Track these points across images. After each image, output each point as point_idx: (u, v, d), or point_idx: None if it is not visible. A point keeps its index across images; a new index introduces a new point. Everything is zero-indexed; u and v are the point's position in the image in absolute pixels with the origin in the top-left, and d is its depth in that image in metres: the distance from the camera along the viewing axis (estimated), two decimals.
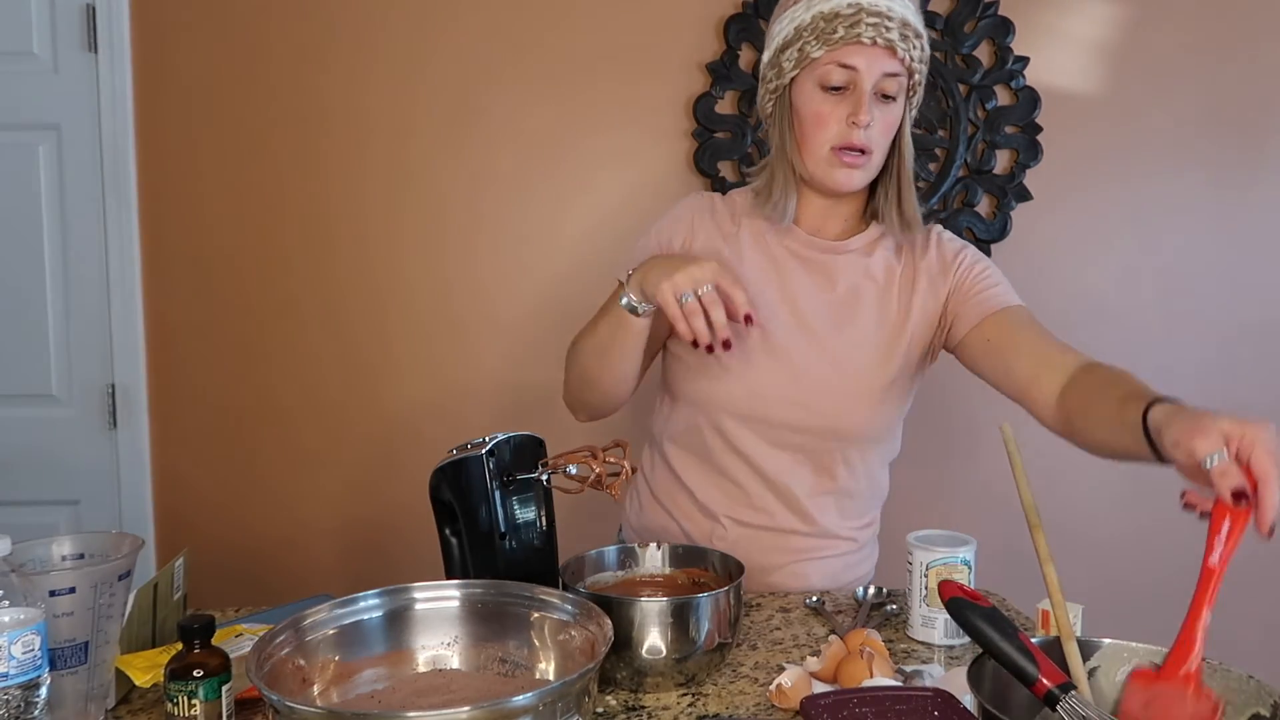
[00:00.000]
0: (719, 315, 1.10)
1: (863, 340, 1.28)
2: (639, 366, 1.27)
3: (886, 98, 1.20)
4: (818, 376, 1.27)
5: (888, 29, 1.16)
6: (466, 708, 0.74)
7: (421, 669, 0.97)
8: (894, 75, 1.19)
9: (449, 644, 0.98)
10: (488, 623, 0.98)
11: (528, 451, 1.19)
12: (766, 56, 1.26)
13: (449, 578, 1.19)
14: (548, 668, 0.95)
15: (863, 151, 1.20)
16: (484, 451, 1.13)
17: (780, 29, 1.23)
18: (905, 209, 1.27)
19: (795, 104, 1.24)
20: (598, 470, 1.16)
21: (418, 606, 0.98)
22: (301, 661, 0.89)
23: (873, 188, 1.29)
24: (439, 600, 0.99)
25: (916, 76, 1.22)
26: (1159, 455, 0.92)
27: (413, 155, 2.08)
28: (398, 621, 0.97)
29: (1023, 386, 1.21)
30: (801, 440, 1.27)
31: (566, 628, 0.95)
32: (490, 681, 0.95)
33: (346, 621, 0.95)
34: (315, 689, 0.90)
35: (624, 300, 1.16)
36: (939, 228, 1.35)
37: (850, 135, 1.19)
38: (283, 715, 0.76)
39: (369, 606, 0.97)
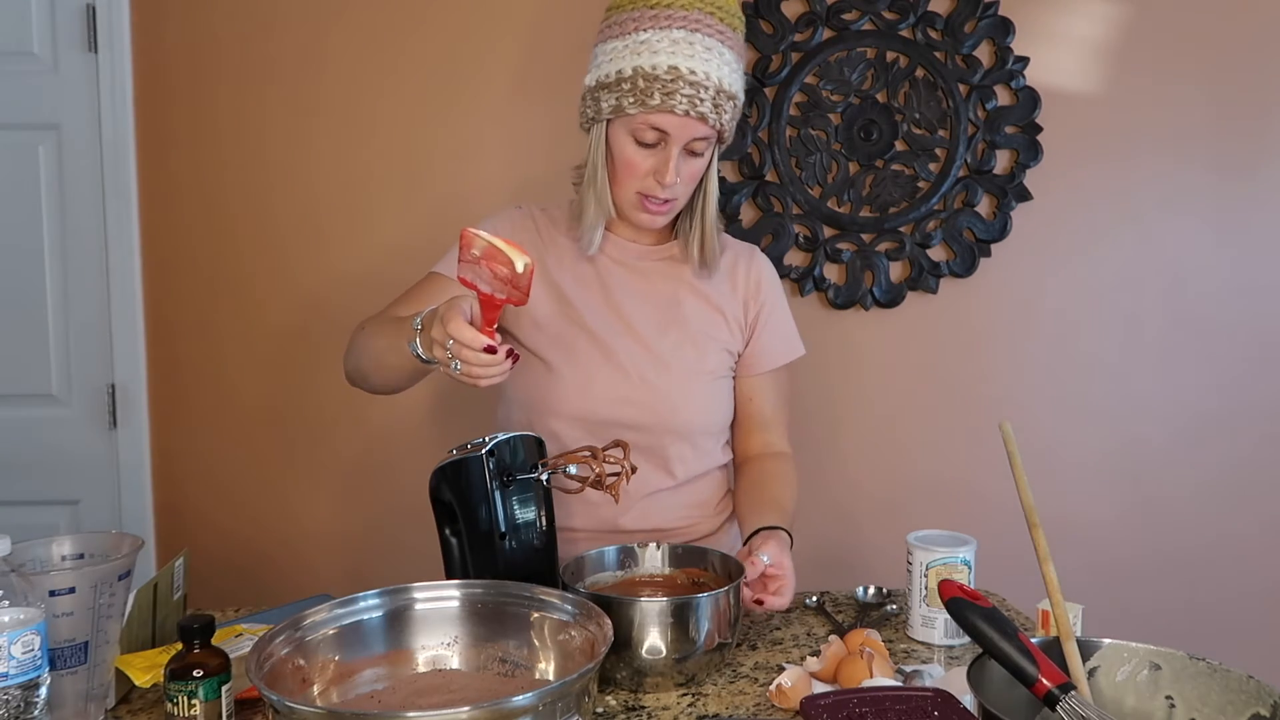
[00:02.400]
0: (477, 360, 0.97)
1: (684, 339, 1.34)
2: (415, 382, 1.26)
3: (695, 153, 1.26)
4: (645, 374, 1.31)
5: (701, 100, 1.20)
6: (466, 708, 0.74)
7: (421, 669, 0.97)
8: (703, 138, 1.24)
9: (449, 644, 0.98)
10: (488, 623, 0.98)
11: (527, 451, 1.19)
12: (588, 80, 1.28)
13: (449, 578, 1.19)
14: (548, 668, 0.95)
15: (666, 200, 1.27)
16: (484, 451, 1.13)
17: (601, 63, 1.26)
18: (705, 249, 1.34)
19: (610, 143, 1.28)
20: (597, 470, 1.16)
21: (417, 607, 0.98)
22: (301, 661, 0.90)
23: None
24: (439, 600, 0.99)
25: (726, 132, 1.27)
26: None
27: (415, 154, 2.08)
28: (398, 622, 0.97)
29: (737, 436, 1.44)
30: (634, 437, 1.28)
31: (566, 628, 0.95)
32: (490, 681, 0.95)
33: (346, 621, 0.95)
34: (315, 689, 0.90)
35: (412, 346, 1.08)
36: (758, 250, 1.46)
37: (655, 188, 1.25)
38: (283, 715, 0.76)
39: (369, 606, 0.97)
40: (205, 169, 2.08)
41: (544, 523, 1.19)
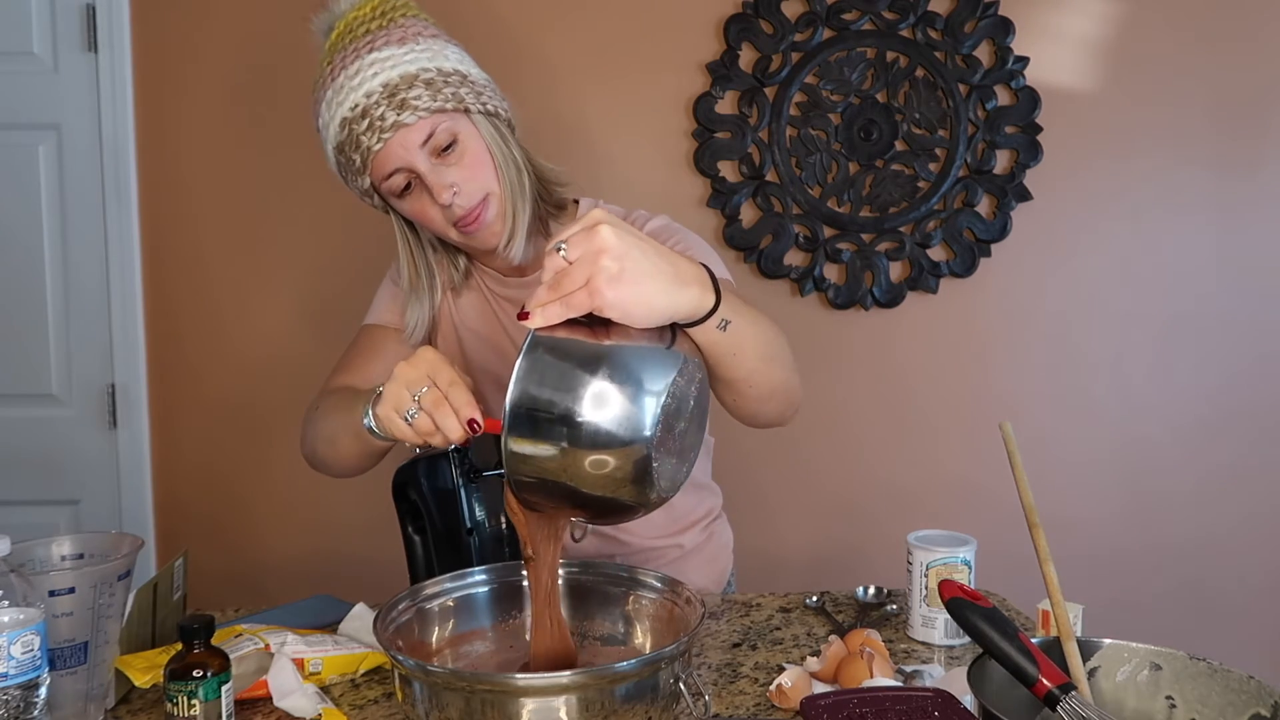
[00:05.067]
0: (447, 424, 0.93)
1: None
2: (374, 461, 1.19)
3: (447, 150, 1.11)
4: None
5: (383, 120, 1.07)
6: (568, 673, 0.80)
7: (527, 640, 1.02)
8: (428, 137, 1.09)
9: None
10: (586, 600, 1.04)
11: (492, 448, 1.20)
12: (328, 150, 1.16)
13: (413, 575, 1.20)
14: (644, 641, 1.01)
15: (472, 209, 1.13)
16: (451, 449, 1.14)
17: (324, 134, 1.15)
18: (539, 221, 1.20)
19: (398, 215, 1.20)
20: None
21: (524, 584, 1.03)
22: (417, 630, 0.98)
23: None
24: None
25: (450, 104, 1.10)
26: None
27: None
28: (504, 597, 1.04)
29: None
30: None
31: (659, 605, 1.01)
32: (592, 651, 1.01)
33: (458, 595, 1.02)
34: (432, 655, 0.99)
35: (366, 420, 1.01)
36: (640, 212, 1.27)
37: (449, 213, 1.13)
38: (411, 677, 0.83)
39: (478, 582, 1.03)
40: (205, 169, 2.08)
41: (507, 518, 1.21)
